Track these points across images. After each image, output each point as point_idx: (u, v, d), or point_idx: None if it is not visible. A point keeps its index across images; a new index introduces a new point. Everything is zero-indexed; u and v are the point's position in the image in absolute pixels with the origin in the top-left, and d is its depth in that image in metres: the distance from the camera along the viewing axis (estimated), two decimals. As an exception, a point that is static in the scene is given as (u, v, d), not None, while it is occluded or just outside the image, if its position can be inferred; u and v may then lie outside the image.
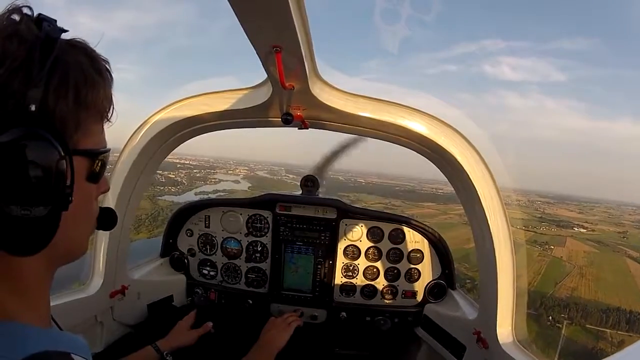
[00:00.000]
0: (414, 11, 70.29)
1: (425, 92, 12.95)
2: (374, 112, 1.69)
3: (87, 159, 0.63)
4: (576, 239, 31.45)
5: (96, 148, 0.65)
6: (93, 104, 0.62)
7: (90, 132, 0.63)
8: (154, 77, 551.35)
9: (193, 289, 2.47)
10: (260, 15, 0.95)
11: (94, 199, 0.70)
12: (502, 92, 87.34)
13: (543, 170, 76.44)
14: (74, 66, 0.58)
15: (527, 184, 13.75)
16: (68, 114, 0.57)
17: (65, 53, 0.57)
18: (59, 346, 0.59)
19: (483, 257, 1.78)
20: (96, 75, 0.62)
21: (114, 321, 2.01)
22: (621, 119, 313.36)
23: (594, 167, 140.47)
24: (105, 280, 1.88)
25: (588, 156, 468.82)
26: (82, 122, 0.60)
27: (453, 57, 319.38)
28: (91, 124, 0.63)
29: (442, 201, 32.05)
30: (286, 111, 1.65)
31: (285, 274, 2.46)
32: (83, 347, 0.65)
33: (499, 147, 1.95)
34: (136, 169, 1.86)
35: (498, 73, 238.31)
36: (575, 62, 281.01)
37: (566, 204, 38.30)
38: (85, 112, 0.60)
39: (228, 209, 2.49)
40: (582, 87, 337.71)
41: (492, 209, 1.67)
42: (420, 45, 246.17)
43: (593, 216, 36.02)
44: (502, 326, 1.68)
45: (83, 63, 0.60)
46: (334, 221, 2.40)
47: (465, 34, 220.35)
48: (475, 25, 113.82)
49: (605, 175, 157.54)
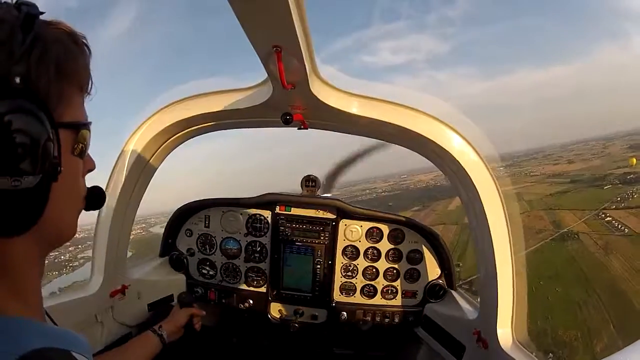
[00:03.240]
0: (415, 11, 68.43)
1: (425, 92, 12.78)
2: (374, 112, 1.69)
3: (72, 132, 0.64)
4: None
5: (79, 120, 0.66)
6: (73, 74, 0.63)
7: (72, 104, 0.64)
8: (154, 77, 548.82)
9: (193, 288, 2.48)
10: (260, 15, 0.95)
11: (81, 175, 0.71)
12: (390, 77, 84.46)
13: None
14: (53, 40, 0.60)
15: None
16: (50, 86, 0.58)
17: (44, 30, 0.59)
18: (60, 343, 0.58)
19: (483, 257, 1.78)
20: (74, 46, 0.64)
21: (114, 320, 2.01)
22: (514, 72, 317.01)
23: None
24: (105, 279, 1.88)
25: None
26: (65, 93, 0.61)
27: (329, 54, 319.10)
28: (73, 96, 0.64)
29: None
30: (286, 111, 1.65)
31: (284, 274, 2.46)
32: (84, 345, 0.65)
33: (499, 147, 1.94)
34: (137, 169, 1.86)
35: (379, 60, 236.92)
36: (456, 28, 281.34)
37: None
38: (67, 84, 0.62)
39: (228, 209, 2.49)
40: (469, 50, 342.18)
41: (492, 208, 1.68)
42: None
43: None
44: (502, 326, 1.68)
45: (61, 37, 0.62)
46: (333, 221, 2.40)
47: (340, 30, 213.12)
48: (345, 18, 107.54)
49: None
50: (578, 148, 38.59)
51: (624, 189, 27.85)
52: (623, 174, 29.76)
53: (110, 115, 49.89)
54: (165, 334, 1.66)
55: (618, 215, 25.34)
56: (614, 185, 29.01)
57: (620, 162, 32.86)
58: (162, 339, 1.64)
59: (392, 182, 27.51)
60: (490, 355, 1.72)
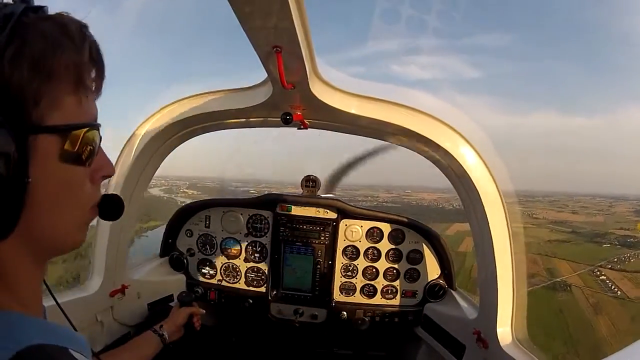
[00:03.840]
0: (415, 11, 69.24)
1: (426, 93, 12.73)
2: (374, 112, 1.69)
3: (56, 136, 0.56)
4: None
5: (67, 123, 0.57)
6: (58, 71, 0.54)
7: (60, 105, 0.55)
8: (153, 77, 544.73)
9: (193, 288, 2.48)
10: (260, 15, 0.95)
11: (86, 182, 0.64)
12: (407, 89, 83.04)
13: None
14: (35, 34, 0.53)
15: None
16: (24, 84, 0.51)
17: (29, 25, 0.53)
18: (57, 340, 0.58)
19: (483, 256, 1.79)
20: (64, 39, 0.55)
21: (114, 320, 2.01)
22: (535, 112, 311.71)
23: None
24: (105, 279, 1.88)
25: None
26: (45, 93, 0.53)
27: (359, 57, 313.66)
28: (60, 96, 0.55)
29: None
30: (286, 111, 1.66)
31: (284, 274, 2.46)
32: (82, 343, 0.64)
33: (499, 147, 1.94)
34: (136, 169, 1.86)
35: (407, 72, 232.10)
36: (488, 57, 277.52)
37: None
38: (47, 82, 0.53)
39: (228, 209, 2.49)
40: (496, 82, 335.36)
41: (493, 208, 1.68)
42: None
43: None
44: (502, 326, 1.68)
45: (48, 30, 0.54)
46: (334, 221, 2.40)
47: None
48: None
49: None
50: (585, 200, 38.49)
51: (622, 251, 27.29)
52: (623, 235, 29.05)
53: (109, 116, 50.08)
54: (166, 334, 1.66)
55: (613, 276, 24.86)
56: (613, 245, 28.42)
57: (623, 223, 32.48)
58: (162, 338, 1.64)
59: (395, 194, 27.56)
60: (490, 355, 1.72)
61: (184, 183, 17.10)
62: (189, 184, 17.35)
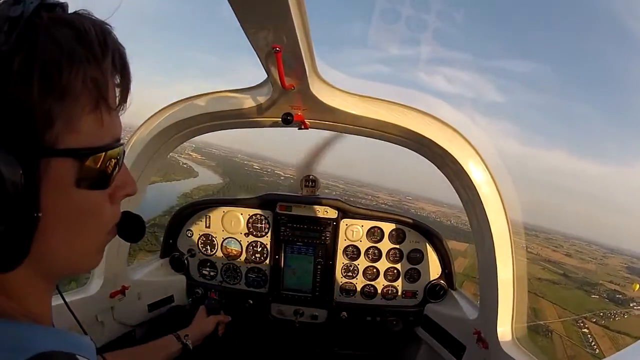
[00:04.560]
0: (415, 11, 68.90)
1: (424, 91, 12.80)
2: (374, 112, 1.69)
3: (73, 160, 0.50)
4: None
5: (85, 146, 0.50)
6: (74, 88, 0.47)
7: (76, 125, 0.49)
8: (153, 78, 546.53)
9: (193, 289, 2.48)
10: (260, 15, 0.95)
11: (104, 205, 0.58)
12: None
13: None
14: (48, 41, 0.45)
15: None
16: (34, 104, 0.44)
17: (41, 29, 0.45)
18: (64, 346, 0.57)
19: (483, 257, 1.79)
20: (81, 48, 0.48)
21: (114, 321, 2.01)
22: (555, 149, 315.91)
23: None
24: (106, 280, 1.88)
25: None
26: (59, 114, 0.46)
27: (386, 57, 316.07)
28: (77, 115, 0.49)
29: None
30: (286, 111, 1.66)
31: (285, 274, 2.46)
32: (89, 347, 0.63)
33: (500, 147, 1.94)
34: (137, 168, 1.86)
35: (432, 82, 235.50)
36: (513, 83, 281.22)
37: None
38: (61, 101, 0.46)
39: (229, 209, 2.49)
40: (517, 110, 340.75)
41: (493, 209, 1.68)
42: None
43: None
44: (502, 326, 1.68)
45: (61, 38, 0.46)
46: (334, 221, 2.40)
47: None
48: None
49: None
50: (580, 245, 38.21)
51: (609, 306, 27.36)
52: (613, 290, 29.31)
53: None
54: (190, 343, 1.62)
55: (595, 331, 24.63)
56: (601, 298, 28.54)
57: (614, 277, 31.89)
58: (186, 347, 1.61)
59: (395, 198, 27.34)
60: (491, 355, 1.72)
61: (190, 145, 17.09)
62: (194, 147, 17.37)
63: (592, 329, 24.88)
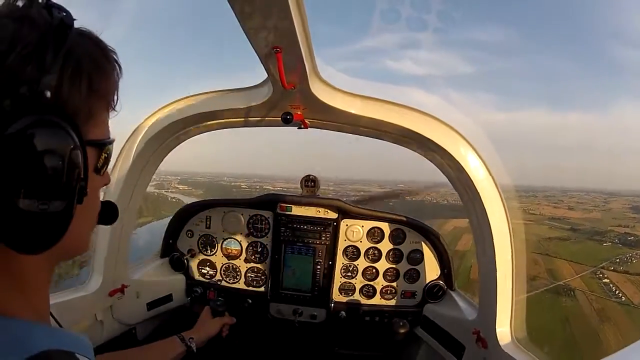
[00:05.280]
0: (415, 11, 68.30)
1: (424, 92, 12.71)
2: (374, 112, 1.69)
3: (96, 150, 0.62)
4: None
5: (104, 138, 0.64)
6: (104, 93, 0.61)
7: (99, 122, 0.62)
8: (153, 77, 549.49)
9: (192, 288, 2.48)
10: (260, 15, 0.95)
11: (99, 192, 0.69)
12: (406, 88, 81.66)
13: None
14: (86, 55, 0.57)
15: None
16: (81, 103, 0.56)
17: (76, 41, 0.56)
18: (63, 345, 0.58)
19: (483, 256, 1.79)
20: (107, 64, 0.62)
21: (113, 320, 2.02)
22: (530, 108, 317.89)
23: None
24: (105, 279, 1.88)
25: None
26: (93, 111, 0.59)
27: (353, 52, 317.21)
28: (100, 114, 0.63)
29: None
30: (286, 111, 1.66)
31: (284, 274, 2.46)
32: (87, 346, 0.65)
33: (498, 146, 1.95)
34: (136, 169, 1.87)
35: (402, 68, 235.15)
36: (483, 53, 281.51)
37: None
38: (96, 102, 0.60)
39: (229, 209, 2.49)
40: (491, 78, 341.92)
41: (493, 208, 1.68)
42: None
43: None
44: (502, 326, 1.68)
45: (94, 52, 0.59)
46: (334, 221, 2.40)
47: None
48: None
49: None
50: (579, 196, 37.56)
51: (624, 251, 26.11)
52: (624, 233, 27.90)
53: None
54: (194, 346, 1.64)
55: (616, 279, 23.66)
56: (613, 244, 27.35)
57: (621, 220, 30.98)
58: (189, 349, 1.63)
59: (388, 189, 27.07)
60: (490, 355, 1.73)
61: (176, 178, 17.33)
62: (180, 179, 17.54)
63: (612, 278, 24.06)
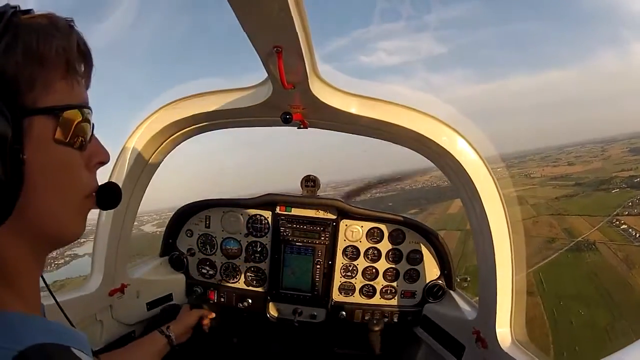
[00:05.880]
0: (415, 12, 68.10)
1: (424, 91, 12.71)
2: (374, 112, 1.69)
3: (51, 118, 0.58)
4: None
5: (59, 104, 0.60)
6: (49, 57, 0.58)
7: (53, 89, 0.59)
8: (154, 76, 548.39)
9: (192, 288, 2.48)
10: (260, 15, 0.95)
11: (81, 167, 0.66)
12: (389, 78, 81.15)
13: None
14: (27, 27, 0.57)
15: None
16: (18, 70, 0.54)
17: (20, 23, 0.57)
18: (59, 339, 0.58)
19: (483, 256, 1.79)
20: (53, 30, 0.60)
21: (113, 319, 2.01)
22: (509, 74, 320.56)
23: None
24: (105, 278, 1.88)
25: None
26: (38, 78, 0.57)
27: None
28: (53, 80, 0.59)
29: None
30: (286, 110, 1.66)
31: (284, 274, 2.46)
32: (83, 341, 0.64)
33: (498, 146, 1.95)
34: (137, 167, 1.87)
35: (378, 60, 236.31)
36: (453, 30, 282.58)
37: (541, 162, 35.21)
38: (39, 67, 0.57)
39: (229, 209, 2.49)
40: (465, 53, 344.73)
41: (493, 208, 1.68)
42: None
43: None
44: (501, 326, 1.69)
45: (37, 24, 0.59)
46: (334, 222, 2.40)
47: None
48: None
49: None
50: (576, 150, 36.75)
51: (633, 193, 25.70)
52: (629, 177, 27.50)
53: (110, 115, 49.51)
54: (173, 335, 1.64)
55: (633, 223, 23.08)
56: (622, 189, 26.91)
57: (623, 164, 30.33)
58: (170, 340, 1.62)
59: (386, 184, 26.47)
60: (490, 355, 1.73)
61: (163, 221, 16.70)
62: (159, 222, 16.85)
63: (629, 222, 23.63)
